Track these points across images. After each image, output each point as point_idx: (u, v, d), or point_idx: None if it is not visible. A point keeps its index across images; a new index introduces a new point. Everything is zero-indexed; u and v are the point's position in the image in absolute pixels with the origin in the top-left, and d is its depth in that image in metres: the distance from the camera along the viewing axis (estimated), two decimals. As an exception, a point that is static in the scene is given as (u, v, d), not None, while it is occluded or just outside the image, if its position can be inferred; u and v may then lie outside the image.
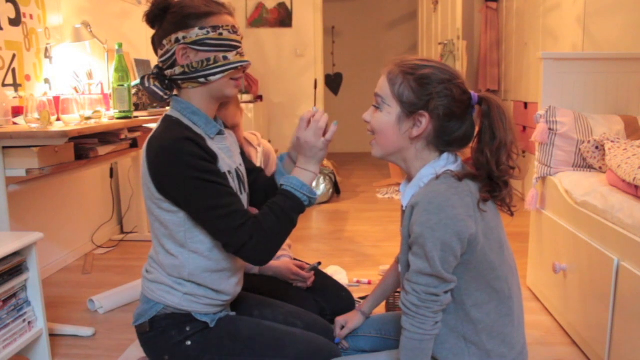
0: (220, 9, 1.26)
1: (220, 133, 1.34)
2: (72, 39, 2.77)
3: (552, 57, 2.20)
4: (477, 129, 1.15)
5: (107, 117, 2.39)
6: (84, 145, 2.20)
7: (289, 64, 5.15)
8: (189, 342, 1.30)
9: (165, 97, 1.31)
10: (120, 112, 2.36)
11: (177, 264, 1.28)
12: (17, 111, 2.29)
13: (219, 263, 1.30)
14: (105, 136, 2.36)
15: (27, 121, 1.93)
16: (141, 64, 3.38)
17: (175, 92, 1.32)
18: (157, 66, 1.31)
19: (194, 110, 1.28)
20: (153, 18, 1.28)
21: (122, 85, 2.35)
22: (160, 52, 1.28)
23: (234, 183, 1.30)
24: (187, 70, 1.24)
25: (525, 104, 3.92)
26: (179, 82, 1.27)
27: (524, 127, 3.91)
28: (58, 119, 2.18)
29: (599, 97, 2.20)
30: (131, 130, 2.60)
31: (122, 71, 2.35)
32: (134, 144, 2.61)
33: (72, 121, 2.15)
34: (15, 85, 2.41)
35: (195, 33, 1.22)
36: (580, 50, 3.04)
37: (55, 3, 2.70)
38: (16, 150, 1.86)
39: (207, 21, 1.23)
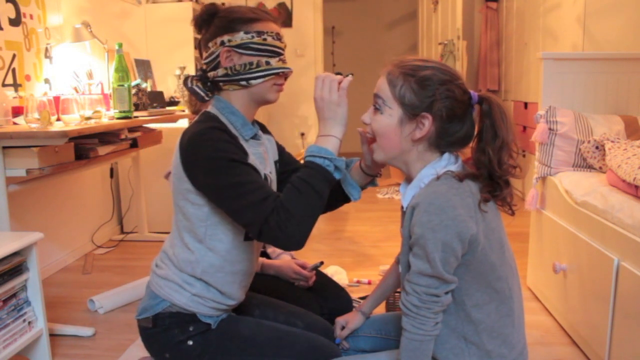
0: (266, 15, 1.28)
1: (255, 137, 1.35)
2: (72, 39, 2.77)
3: (552, 57, 2.20)
4: (476, 128, 1.15)
5: (107, 117, 2.39)
6: (84, 145, 2.20)
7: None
8: (190, 342, 1.30)
9: (207, 98, 1.32)
10: (120, 112, 2.36)
11: (192, 259, 1.29)
12: (17, 111, 2.29)
13: (234, 265, 1.31)
14: (105, 136, 2.36)
15: (27, 121, 1.93)
16: (141, 64, 3.38)
17: (216, 94, 1.34)
18: (201, 68, 1.33)
19: (232, 111, 1.29)
20: (201, 22, 1.31)
21: (122, 85, 2.35)
22: (205, 54, 1.30)
23: None
24: (229, 72, 1.26)
25: (525, 104, 3.92)
26: (221, 84, 1.29)
27: (524, 127, 3.91)
28: (58, 119, 2.18)
29: (599, 97, 2.20)
30: (131, 130, 2.60)
31: (122, 71, 2.35)
32: (134, 144, 2.61)
33: (72, 121, 2.15)
34: (15, 85, 2.41)
35: (240, 37, 1.25)
36: (580, 50, 3.04)
37: (55, 3, 2.70)
38: (16, 150, 1.86)
39: (252, 26, 1.26)
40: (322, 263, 1.80)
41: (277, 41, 1.28)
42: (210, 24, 1.29)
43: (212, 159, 1.17)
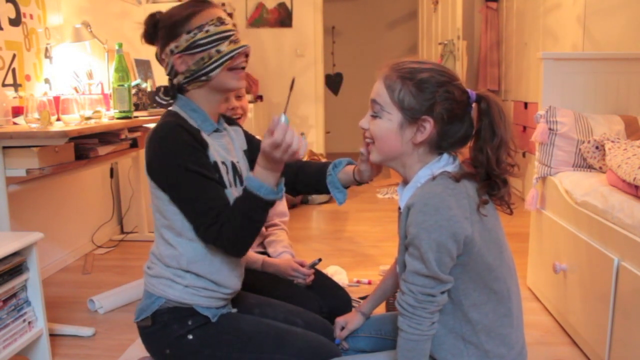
0: (201, 6, 1.28)
1: (218, 131, 1.37)
2: (72, 39, 2.77)
3: (552, 57, 2.20)
4: (474, 127, 1.15)
5: (107, 117, 2.39)
6: (84, 145, 2.20)
7: (289, 64, 5.15)
8: (190, 336, 1.31)
9: (170, 99, 1.35)
10: (120, 112, 2.36)
11: (176, 253, 1.30)
12: (17, 111, 2.29)
13: (217, 252, 1.31)
14: (105, 136, 2.36)
15: (27, 121, 1.93)
16: (141, 64, 3.38)
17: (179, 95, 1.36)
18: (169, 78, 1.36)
19: (193, 108, 1.32)
20: (148, 37, 1.34)
21: (122, 85, 2.35)
22: (164, 66, 1.33)
23: (227, 175, 1.32)
24: (188, 75, 1.29)
25: (525, 104, 3.92)
26: (185, 85, 1.32)
27: (524, 127, 3.91)
28: (58, 119, 2.18)
29: (599, 97, 2.20)
30: (131, 130, 2.60)
31: (122, 71, 2.35)
32: (134, 144, 2.60)
33: (72, 121, 2.15)
34: (15, 85, 2.41)
35: (185, 39, 1.26)
36: (580, 50, 3.04)
37: (55, 3, 2.70)
38: (16, 150, 1.86)
39: (191, 23, 1.26)
40: (320, 260, 1.80)
41: (221, 25, 1.27)
42: (157, 35, 1.31)
43: (168, 164, 1.23)
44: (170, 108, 1.34)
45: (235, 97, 1.79)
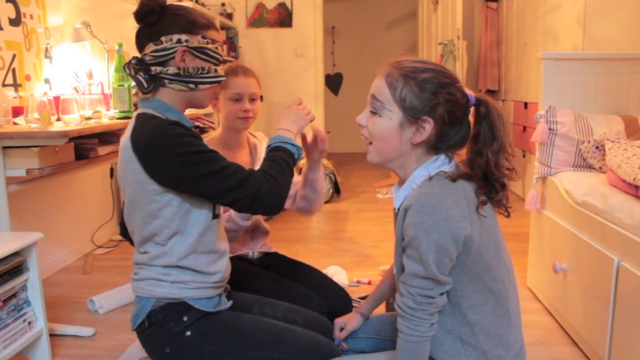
0: (215, 25, 1.35)
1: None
2: (72, 39, 2.77)
3: (552, 57, 2.20)
4: (472, 130, 1.15)
5: (107, 117, 2.39)
6: (84, 145, 2.20)
7: (289, 64, 5.14)
8: (188, 333, 1.30)
9: (148, 88, 1.32)
10: (120, 112, 2.36)
11: (167, 250, 1.30)
12: (17, 111, 2.29)
13: (206, 245, 1.32)
14: (105, 136, 2.35)
15: (27, 121, 1.93)
16: (141, 64, 3.37)
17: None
18: (139, 58, 1.30)
19: (167, 107, 1.30)
20: (149, 12, 1.26)
21: (122, 85, 2.35)
22: (154, 48, 1.27)
23: None
24: (181, 73, 1.28)
25: (525, 104, 3.93)
26: (166, 81, 1.28)
27: (524, 127, 3.91)
28: (58, 119, 2.18)
29: (599, 97, 2.20)
30: (131, 130, 2.60)
31: (122, 71, 2.34)
32: (134, 144, 2.60)
33: (72, 121, 2.15)
34: (16, 85, 2.41)
35: (198, 40, 1.28)
36: (580, 50, 3.04)
37: (55, 3, 2.70)
38: (16, 150, 1.86)
39: (208, 32, 1.31)
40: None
41: (222, 50, 1.35)
42: (160, 17, 1.28)
43: (181, 155, 1.20)
44: (140, 112, 1.31)
45: (249, 100, 1.78)
